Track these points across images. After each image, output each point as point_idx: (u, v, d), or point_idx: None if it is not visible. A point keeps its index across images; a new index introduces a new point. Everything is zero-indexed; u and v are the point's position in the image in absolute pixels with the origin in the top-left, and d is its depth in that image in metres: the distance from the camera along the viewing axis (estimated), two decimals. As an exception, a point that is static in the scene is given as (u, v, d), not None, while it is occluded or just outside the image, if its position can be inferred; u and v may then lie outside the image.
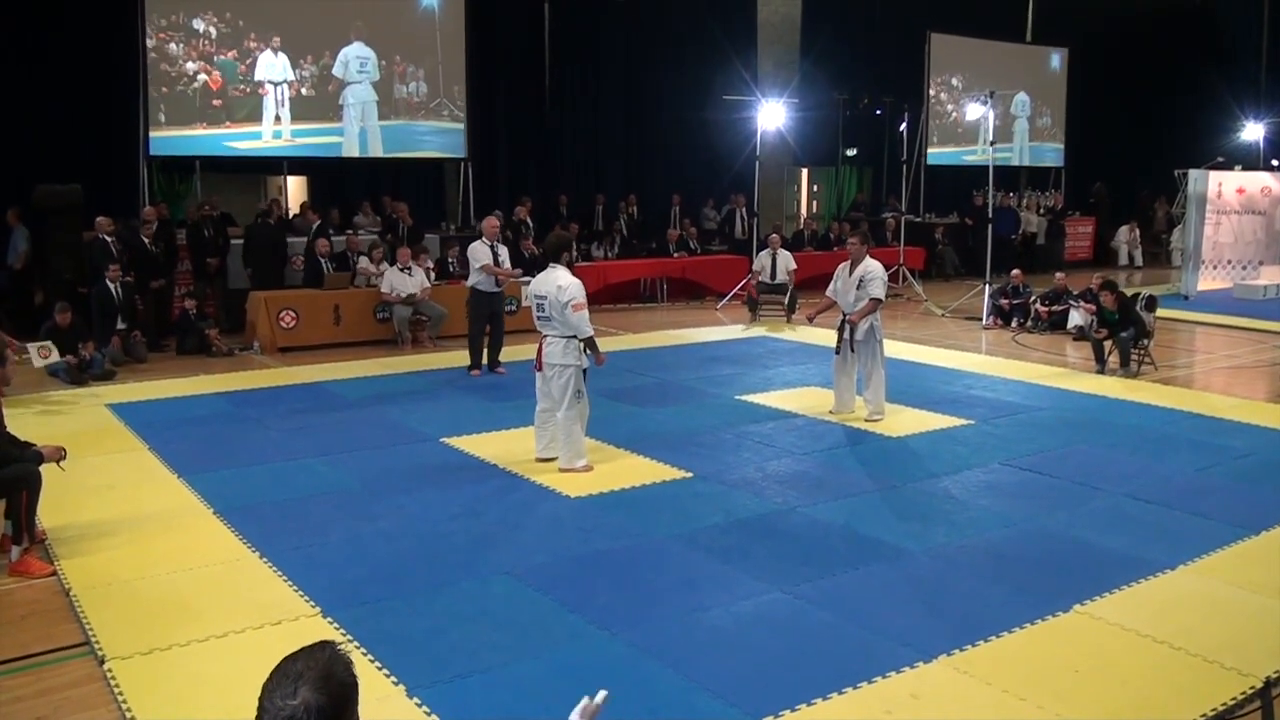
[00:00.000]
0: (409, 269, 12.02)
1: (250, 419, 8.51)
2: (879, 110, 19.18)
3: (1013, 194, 20.28)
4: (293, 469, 7.06)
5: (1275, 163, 19.66)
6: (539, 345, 6.95)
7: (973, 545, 5.65)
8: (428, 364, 10.90)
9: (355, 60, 14.29)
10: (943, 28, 19.39)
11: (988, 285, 13.91)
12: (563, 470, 6.91)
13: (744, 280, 14.93)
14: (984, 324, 13.59)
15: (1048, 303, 13.23)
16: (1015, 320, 13.46)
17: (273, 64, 13.76)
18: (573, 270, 6.97)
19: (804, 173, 21.55)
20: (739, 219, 17.36)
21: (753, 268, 14.44)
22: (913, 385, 9.55)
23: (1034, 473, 6.98)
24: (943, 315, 14.53)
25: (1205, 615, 4.77)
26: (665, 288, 15.81)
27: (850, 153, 20.30)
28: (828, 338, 9.18)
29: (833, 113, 19.25)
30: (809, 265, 14.84)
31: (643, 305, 15.53)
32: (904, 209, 18.14)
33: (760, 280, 14.01)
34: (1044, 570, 5.28)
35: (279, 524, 5.94)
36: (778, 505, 6.30)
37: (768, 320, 13.76)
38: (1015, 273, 14.04)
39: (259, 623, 4.63)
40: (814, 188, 21.89)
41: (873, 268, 8.29)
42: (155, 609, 4.81)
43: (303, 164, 15.41)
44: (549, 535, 5.83)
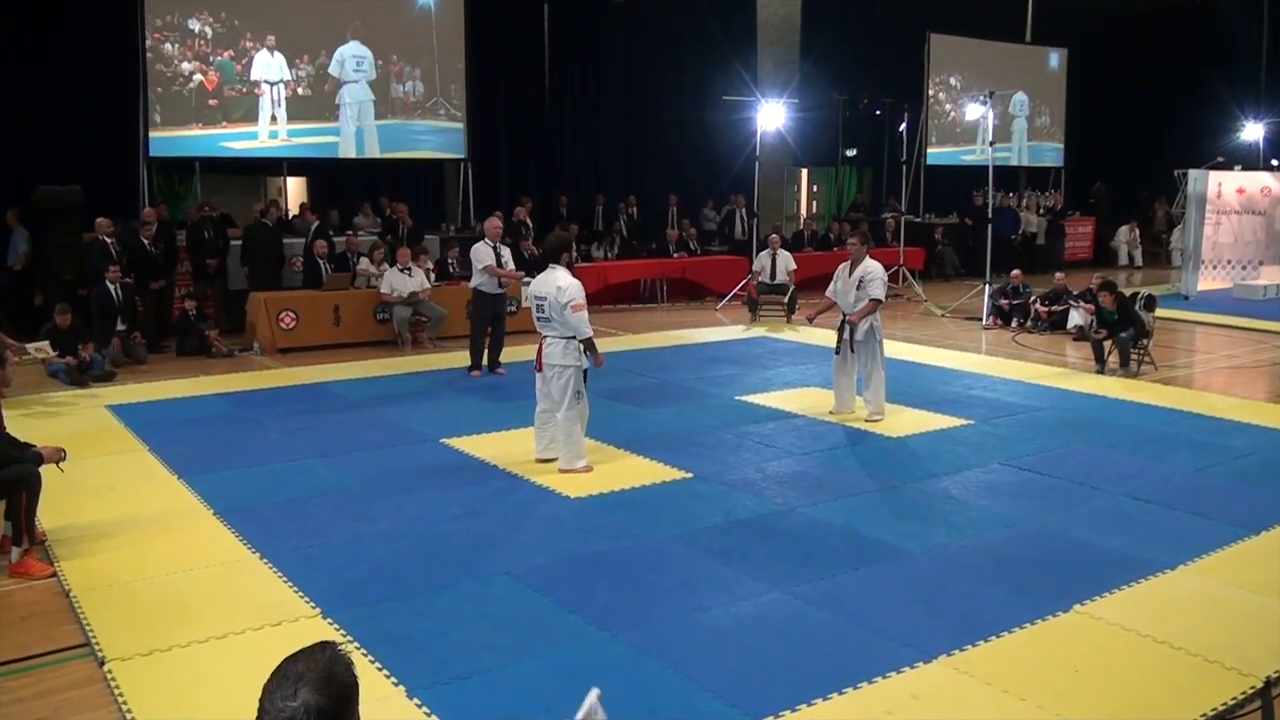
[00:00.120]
0: (409, 269, 12.02)
1: (250, 420, 8.51)
2: (878, 110, 19.19)
3: (1012, 194, 20.28)
4: (293, 470, 7.06)
5: (1275, 162, 19.66)
6: (539, 346, 6.95)
7: (973, 545, 5.65)
8: (428, 365, 10.90)
9: (352, 59, 14.27)
10: (942, 28, 19.39)
11: (987, 285, 13.91)
12: (563, 471, 6.91)
13: (744, 281, 14.94)
14: (984, 324, 13.59)
15: (1047, 303, 13.23)
16: (1015, 320, 13.46)
17: (268, 63, 13.74)
18: (573, 271, 6.97)
19: (804, 173, 21.56)
20: (739, 219, 17.37)
21: (752, 268, 14.45)
22: (913, 385, 9.55)
23: (1034, 473, 6.98)
24: (942, 315, 14.53)
25: (1205, 615, 4.77)
26: (665, 288, 15.81)
27: (850, 153, 20.31)
28: (828, 338, 9.18)
29: (832, 113, 19.26)
30: (809, 266, 14.83)
31: (643, 306, 15.53)
32: (904, 209, 18.13)
33: (760, 281, 14.02)
34: (1044, 570, 5.28)
35: (279, 525, 5.94)
36: (778, 506, 6.30)
37: (768, 321, 13.76)
38: (1015, 273, 14.04)
39: (259, 624, 4.63)
40: (814, 188, 21.90)
41: (873, 268, 8.29)
42: (155, 610, 4.81)
43: (302, 165, 15.41)
44: (549, 536, 5.83)
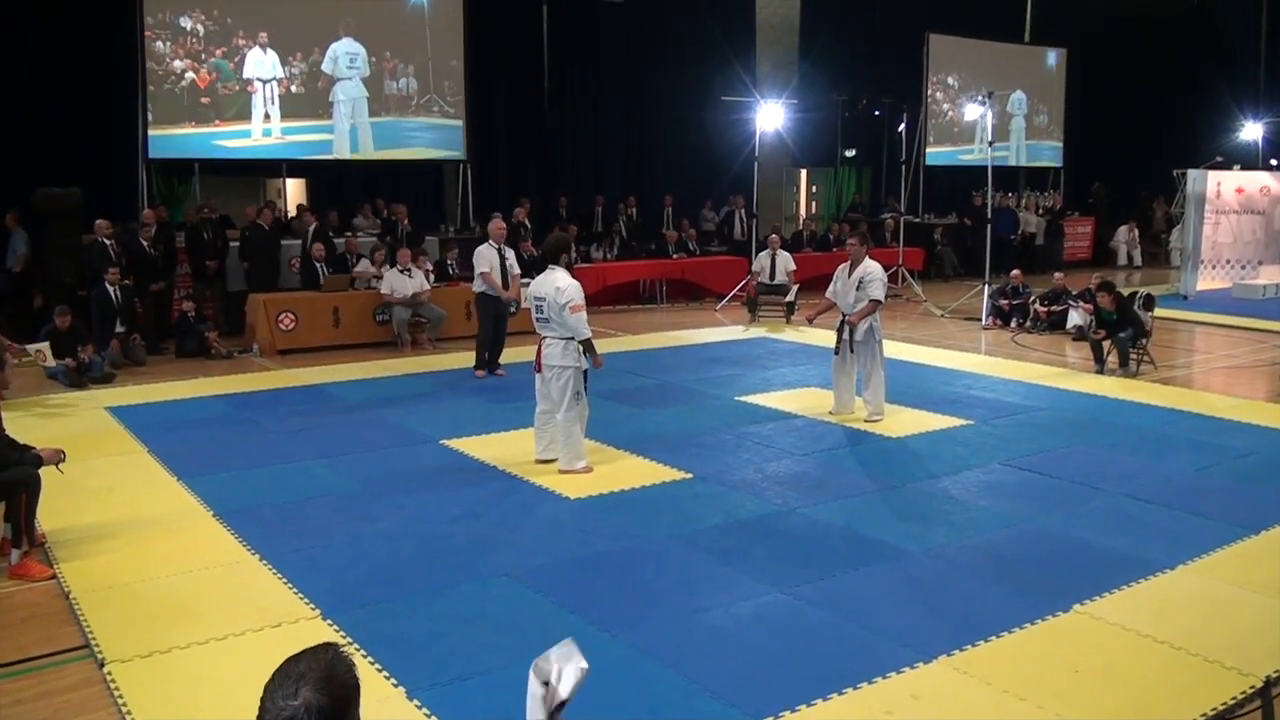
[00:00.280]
0: (409, 270, 12.02)
1: (250, 421, 8.50)
2: (877, 111, 19.19)
3: (1011, 194, 20.28)
4: (292, 471, 7.06)
5: (1274, 162, 19.67)
6: (538, 347, 6.95)
7: (972, 545, 5.65)
8: (427, 366, 10.90)
9: (345, 56, 14.22)
10: (941, 28, 19.39)
11: (987, 285, 13.92)
12: (562, 472, 6.91)
13: (743, 281, 14.94)
14: (983, 324, 13.60)
15: (1047, 303, 13.23)
16: (1014, 320, 13.46)
17: (261, 61, 13.67)
18: (572, 272, 6.97)
19: (803, 173, 21.56)
20: (738, 220, 17.38)
21: (752, 269, 14.45)
22: (912, 386, 9.55)
23: (1034, 473, 6.98)
24: (942, 316, 14.53)
25: (1205, 615, 4.77)
26: (665, 289, 15.81)
27: (849, 153, 20.31)
28: (827, 338, 9.18)
29: (831, 114, 19.27)
30: (808, 266, 14.83)
31: (642, 306, 15.52)
32: (903, 209, 18.14)
33: (759, 281, 14.02)
34: (1044, 570, 5.28)
35: (279, 526, 5.94)
36: (777, 506, 6.30)
37: (767, 321, 13.77)
38: (1015, 273, 14.05)
39: (259, 625, 4.63)
40: (813, 189, 21.90)
41: (872, 269, 8.29)
42: (155, 612, 4.81)
43: (302, 166, 15.39)
44: (549, 537, 5.83)
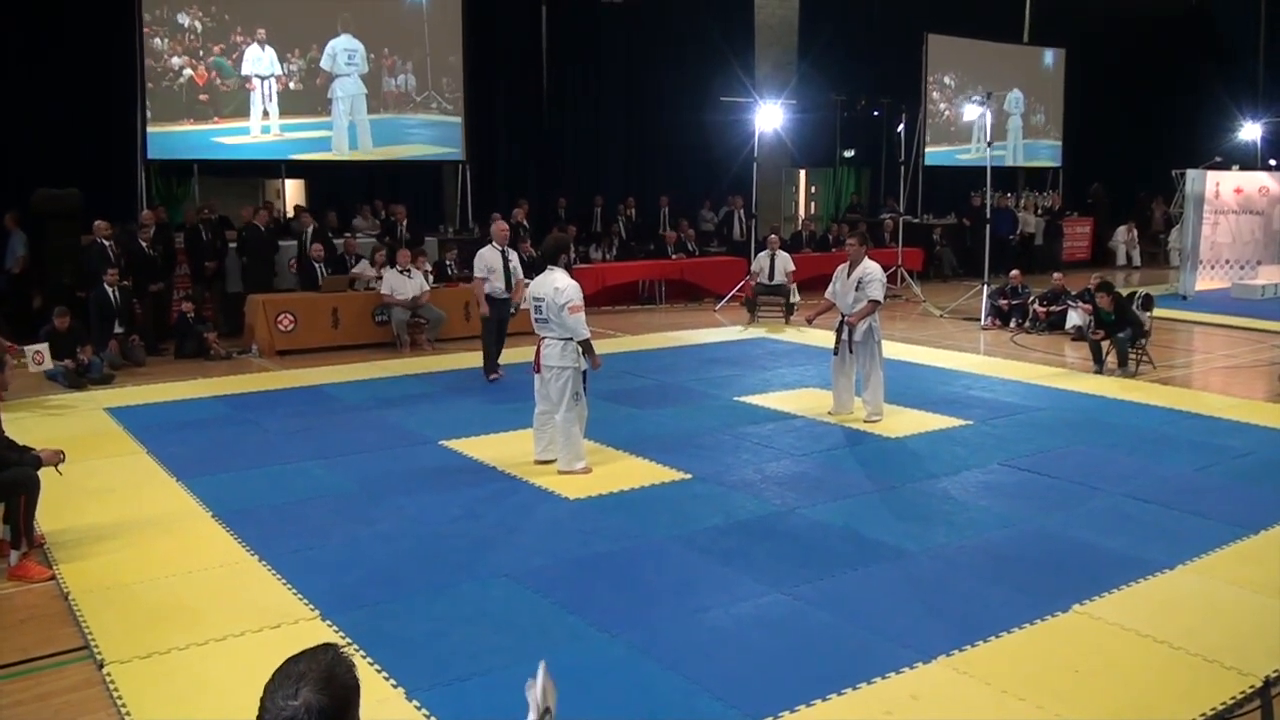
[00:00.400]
0: (408, 271, 12.01)
1: (249, 422, 8.50)
2: (876, 111, 19.20)
3: (1010, 194, 20.29)
4: (291, 472, 7.06)
5: (1273, 162, 19.69)
6: (537, 347, 6.95)
7: (972, 546, 5.65)
8: (426, 367, 10.90)
9: (343, 52, 14.18)
10: (940, 29, 19.40)
11: (986, 286, 13.93)
12: (562, 472, 6.91)
13: (742, 281, 14.95)
14: (982, 324, 13.60)
15: (1046, 303, 13.23)
16: (1014, 321, 13.46)
17: (259, 58, 13.64)
18: (571, 272, 6.97)
19: (802, 174, 21.56)
20: (737, 220, 17.39)
21: (751, 269, 14.45)
22: (911, 386, 9.55)
23: (1033, 473, 6.99)
24: (941, 316, 14.53)
25: (1204, 615, 4.77)
26: (664, 289, 15.81)
27: (848, 154, 20.32)
28: (826, 339, 9.18)
29: (830, 114, 19.27)
30: (807, 266, 14.83)
31: (641, 307, 15.52)
32: (902, 210, 18.14)
33: (758, 281, 14.02)
34: (1043, 570, 5.28)
35: (278, 527, 5.94)
36: (777, 506, 6.30)
37: (766, 321, 13.77)
38: (1014, 273, 14.05)
39: (258, 626, 4.63)
40: (812, 189, 21.91)
41: (871, 269, 8.29)
42: (154, 613, 4.81)
43: (301, 167, 15.38)
44: (548, 537, 5.83)
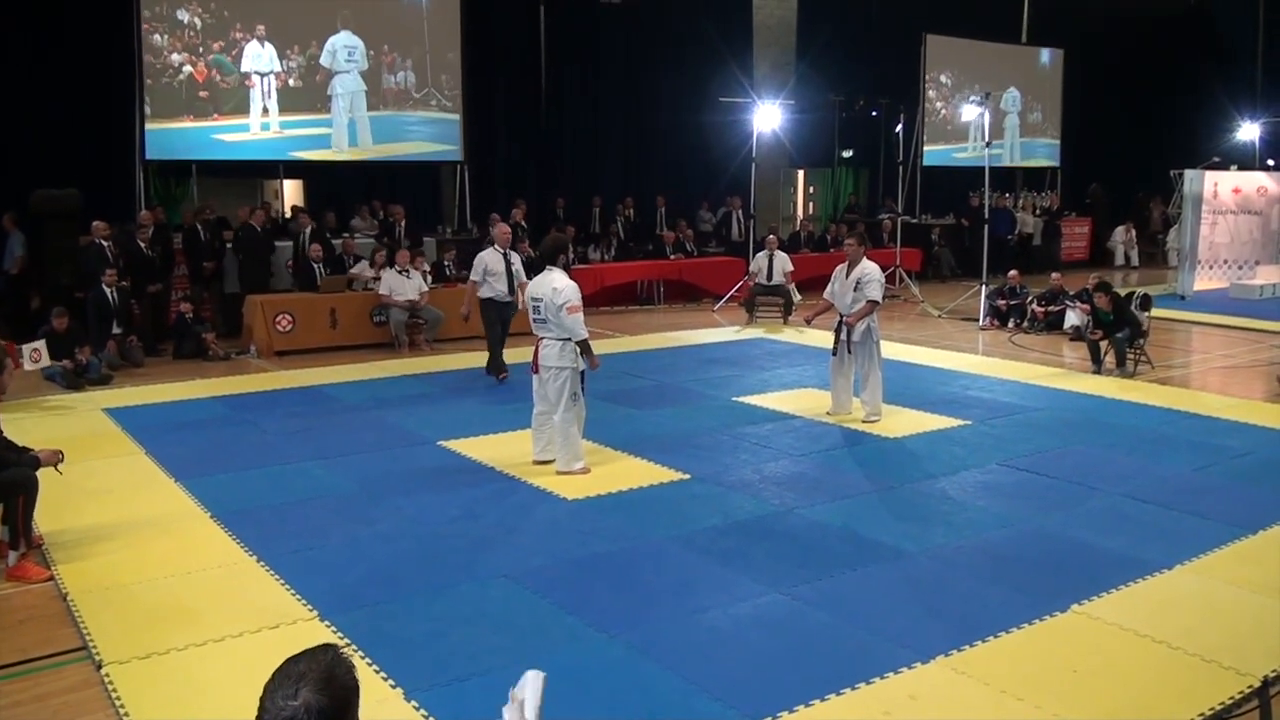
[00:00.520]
0: (407, 271, 12.01)
1: (247, 423, 8.50)
2: (875, 112, 19.19)
3: (1009, 195, 20.29)
4: (290, 472, 7.05)
5: (1271, 162, 19.70)
6: (535, 348, 6.95)
7: (970, 546, 5.66)
8: (425, 367, 10.90)
9: (343, 49, 14.13)
10: (938, 29, 19.41)
11: (984, 286, 13.93)
12: (560, 473, 6.90)
13: (740, 282, 14.95)
14: (981, 325, 13.61)
15: (1044, 303, 13.24)
16: (1012, 321, 13.47)
17: (259, 54, 13.59)
18: (569, 273, 6.98)
19: (800, 174, 21.57)
20: (735, 221, 17.39)
21: (749, 269, 14.46)
22: (910, 386, 9.55)
23: (1031, 473, 6.99)
24: (939, 316, 14.54)
25: (1203, 615, 4.77)
26: (662, 290, 15.81)
27: (846, 154, 20.32)
28: (825, 339, 9.18)
29: (828, 114, 19.27)
30: (805, 267, 14.84)
31: (640, 307, 15.52)
32: (900, 210, 18.15)
33: (757, 282, 14.02)
34: (1042, 570, 5.29)
35: (276, 528, 5.93)
36: (775, 507, 6.30)
37: (765, 322, 13.77)
38: (1012, 273, 14.06)
39: (257, 627, 4.62)
40: (810, 189, 21.91)
41: (870, 270, 8.29)
42: (153, 613, 4.80)
43: (299, 167, 15.37)
44: (547, 538, 5.83)
